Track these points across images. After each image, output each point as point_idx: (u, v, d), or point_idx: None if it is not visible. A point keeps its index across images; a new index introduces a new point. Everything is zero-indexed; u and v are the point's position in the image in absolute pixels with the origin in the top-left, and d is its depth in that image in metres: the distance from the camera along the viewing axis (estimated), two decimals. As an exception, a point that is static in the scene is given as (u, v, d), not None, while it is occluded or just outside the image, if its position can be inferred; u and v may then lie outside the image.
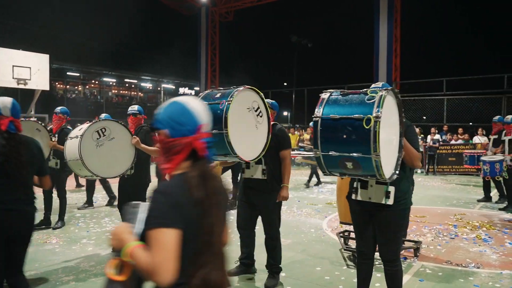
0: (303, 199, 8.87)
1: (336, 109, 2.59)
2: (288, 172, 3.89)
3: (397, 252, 2.96)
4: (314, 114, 2.63)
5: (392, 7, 18.05)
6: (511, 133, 7.54)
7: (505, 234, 5.95)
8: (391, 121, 2.64)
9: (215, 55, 24.69)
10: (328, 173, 2.71)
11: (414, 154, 2.86)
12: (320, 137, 2.60)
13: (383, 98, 2.48)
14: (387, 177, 2.56)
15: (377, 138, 2.40)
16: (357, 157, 2.49)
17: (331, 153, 2.57)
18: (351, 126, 2.48)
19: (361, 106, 2.50)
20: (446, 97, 16.63)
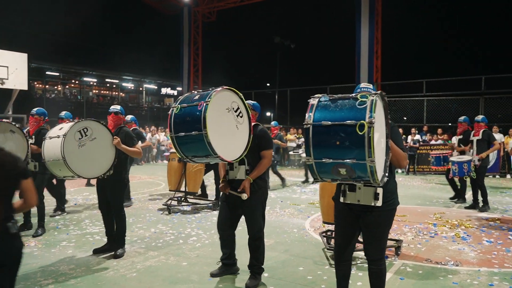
0: (286, 200, 8.90)
1: (327, 115, 2.56)
2: (260, 169, 3.86)
3: (383, 252, 2.99)
4: (304, 121, 2.60)
5: (373, 10, 18.29)
6: (479, 133, 7.67)
7: (482, 232, 6.08)
8: (380, 124, 2.65)
9: (198, 55, 24.58)
10: (320, 179, 2.70)
11: (400, 155, 2.89)
12: (312, 144, 2.57)
13: (375, 103, 2.47)
14: (380, 181, 2.57)
15: (371, 144, 2.39)
16: (351, 163, 2.47)
17: (324, 160, 2.54)
18: (344, 132, 2.46)
19: (353, 112, 2.48)
20: (425, 98, 16.93)
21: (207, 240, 5.53)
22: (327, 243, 5.02)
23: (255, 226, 3.88)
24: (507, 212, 7.70)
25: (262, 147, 3.89)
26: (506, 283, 4.03)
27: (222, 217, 4.01)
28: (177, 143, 3.47)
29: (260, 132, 3.90)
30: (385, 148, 2.74)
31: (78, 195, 9.23)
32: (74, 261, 4.65)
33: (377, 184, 2.56)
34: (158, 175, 13.30)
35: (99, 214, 6.88)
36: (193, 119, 3.33)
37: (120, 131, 4.90)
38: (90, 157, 4.51)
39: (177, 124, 3.45)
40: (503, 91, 15.92)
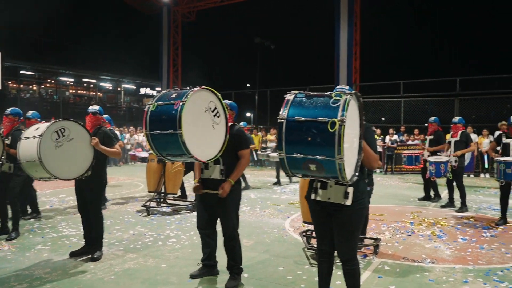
0: (266, 200, 8.92)
1: (301, 111, 2.60)
2: (239, 169, 3.88)
3: (354, 252, 3.01)
4: (279, 115, 2.64)
5: (352, 12, 18.52)
6: (457, 135, 7.83)
7: (457, 230, 6.22)
8: (353, 123, 2.69)
9: (177, 55, 24.40)
10: (291, 174, 2.73)
11: (372, 156, 2.93)
12: (284, 139, 2.61)
13: (348, 102, 2.52)
14: (349, 179, 2.61)
15: (341, 142, 2.43)
16: (320, 159, 2.51)
17: (295, 155, 2.58)
18: (316, 128, 2.50)
19: (326, 109, 2.53)
20: (403, 99, 17.24)
21: (186, 242, 5.49)
22: (307, 243, 5.05)
23: (230, 226, 3.88)
24: (480, 210, 7.90)
25: (239, 147, 3.90)
26: (480, 279, 4.13)
27: (200, 216, 4.00)
28: (152, 140, 3.45)
29: (237, 132, 3.90)
30: (358, 148, 2.78)
31: (54, 197, 9.04)
32: (50, 264, 4.55)
33: (345, 182, 2.60)
34: (136, 176, 13.14)
35: (75, 216, 6.77)
36: (168, 118, 3.31)
37: (98, 131, 4.82)
38: (68, 158, 4.41)
39: (153, 121, 3.43)
40: (477, 93, 16.37)
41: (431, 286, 3.95)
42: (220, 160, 3.80)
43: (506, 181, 6.34)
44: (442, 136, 8.46)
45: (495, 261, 4.73)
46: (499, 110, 15.73)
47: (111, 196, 9.14)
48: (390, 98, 17.62)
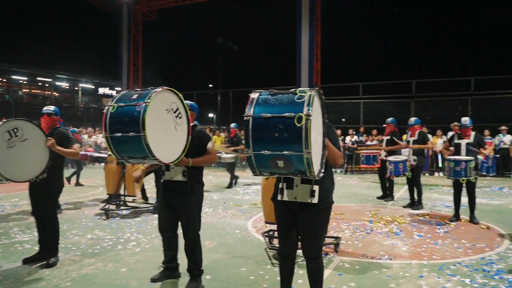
0: (229, 201, 8.90)
1: (267, 108, 2.62)
2: (205, 159, 3.86)
3: (320, 250, 3.07)
4: (245, 113, 2.64)
5: (313, 14, 18.84)
6: (415, 134, 8.13)
7: (413, 227, 6.46)
8: (317, 121, 2.74)
9: (138, 54, 23.91)
10: (258, 173, 2.73)
11: (336, 153, 2.99)
12: (251, 136, 2.61)
13: (313, 98, 2.57)
14: (316, 174, 2.65)
15: (308, 136, 2.47)
16: (288, 154, 2.54)
17: (263, 151, 2.59)
18: (283, 124, 2.52)
19: (292, 105, 2.56)
20: (362, 100, 17.72)
21: (147, 245, 5.38)
22: (269, 243, 5.08)
23: (191, 229, 3.84)
24: (435, 208, 8.24)
25: (204, 148, 3.88)
26: (434, 274, 4.31)
27: (162, 218, 3.93)
28: (112, 143, 3.35)
29: (199, 133, 3.88)
30: (322, 145, 2.83)
31: (6, 201, 8.61)
32: (1, 272, 4.32)
33: (313, 177, 2.63)
34: (95, 179, 12.75)
35: (29, 221, 6.47)
36: (131, 120, 3.22)
37: (54, 131, 4.63)
38: (21, 160, 4.21)
39: (113, 123, 3.32)
40: (431, 95, 17.09)
41: (389, 282, 4.07)
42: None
43: (456, 178, 6.63)
44: (398, 136, 8.73)
45: (448, 256, 4.95)
46: (452, 111, 16.51)
47: (68, 200, 8.82)
48: (350, 99, 18.06)
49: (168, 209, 3.89)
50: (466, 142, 6.72)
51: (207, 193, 9.80)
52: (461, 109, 16.36)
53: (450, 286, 3.95)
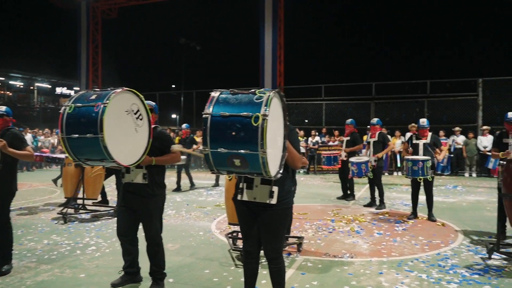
0: (192, 203, 8.81)
1: (226, 107, 2.65)
2: (167, 158, 3.82)
3: (280, 250, 3.08)
4: (204, 111, 2.66)
5: (276, 16, 18.99)
6: (375, 135, 8.35)
7: (374, 226, 6.64)
8: (277, 122, 2.77)
9: (97, 53, 23.23)
10: (216, 171, 2.74)
11: (296, 156, 3.02)
12: (209, 134, 2.63)
13: (271, 99, 2.61)
14: (273, 175, 2.67)
15: (264, 136, 2.49)
16: (244, 153, 2.56)
17: (220, 150, 2.61)
18: (240, 123, 2.55)
19: (250, 105, 2.60)
20: (324, 102, 18.04)
21: (107, 249, 5.23)
22: (233, 244, 5.07)
23: (153, 232, 3.78)
24: (394, 206, 8.50)
25: (167, 148, 3.84)
26: (393, 270, 4.44)
27: (121, 222, 3.84)
28: (69, 145, 3.24)
29: (160, 134, 3.82)
30: (282, 147, 2.86)
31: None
32: None
33: (269, 177, 2.66)
34: (51, 182, 12.26)
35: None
36: (88, 121, 3.12)
37: (6, 133, 4.41)
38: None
39: (70, 124, 3.21)
40: (390, 97, 17.64)
41: (350, 280, 4.16)
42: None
43: (413, 177, 6.88)
44: (358, 137, 8.94)
45: (406, 253, 5.12)
46: (410, 113, 17.11)
47: (22, 204, 8.44)
48: (312, 101, 18.35)
49: (127, 213, 3.80)
50: (424, 142, 6.99)
51: (170, 195, 9.67)
52: (418, 111, 16.98)
53: (408, 282, 4.09)
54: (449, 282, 4.09)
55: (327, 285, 4.02)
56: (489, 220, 6.91)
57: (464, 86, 16.43)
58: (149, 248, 3.82)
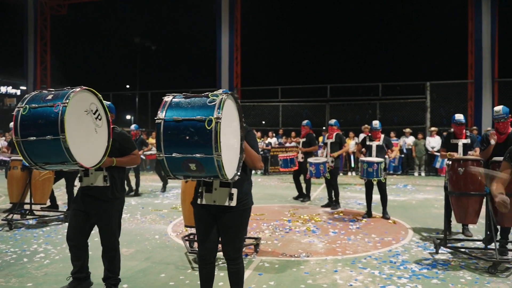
0: (147, 205, 8.62)
1: (179, 111, 2.62)
2: (127, 159, 3.73)
3: (240, 251, 3.09)
4: (156, 116, 2.62)
5: (233, 17, 19.01)
6: (332, 136, 8.54)
7: (329, 225, 6.78)
8: (232, 124, 2.76)
9: (46, 51, 22.23)
10: (172, 176, 2.71)
11: (255, 157, 3.03)
12: (163, 139, 2.59)
13: (223, 101, 2.60)
14: (229, 177, 2.67)
15: (218, 139, 2.49)
16: (199, 157, 2.54)
17: (174, 155, 2.58)
18: (193, 127, 2.53)
19: (203, 109, 2.58)
20: (281, 103, 18.25)
21: (57, 256, 5.00)
22: (190, 247, 5.00)
23: (110, 236, 3.67)
24: (348, 205, 8.74)
25: (128, 149, 3.76)
26: (348, 267, 4.56)
27: (72, 226, 3.67)
28: (25, 148, 3.05)
29: (120, 135, 3.73)
30: (239, 148, 2.86)
31: None
32: None
33: (226, 179, 2.66)
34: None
35: None
36: (47, 122, 2.96)
37: None
38: None
39: (25, 127, 3.02)
40: (344, 99, 18.14)
41: (306, 278, 4.23)
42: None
43: (368, 179, 7.11)
44: (313, 138, 9.11)
45: (360, 250, 5.27)
46: (363, 114, 17.70)
47: (-38, 210, 7.91)
48: (269, 102, 18.51)
49: (82, 217, 3.64)
50: (377, 144, 7.24)
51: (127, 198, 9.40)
52: (370, 113, 17.58)
53: (361, 279, 4.21)
54: (400, 277, 4.25)
55: (284, 284, 4.06)
56: (437, 217, 7.26)
57: (413, 89, 17.19)
58: (105, 253, 3.69)
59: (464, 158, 5.10)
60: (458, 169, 4.96)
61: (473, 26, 16.67)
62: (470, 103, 16.76)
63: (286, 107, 18.18)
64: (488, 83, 16.33)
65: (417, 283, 4.08)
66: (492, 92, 16.26)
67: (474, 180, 4.86)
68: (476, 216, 4.98)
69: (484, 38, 16.37)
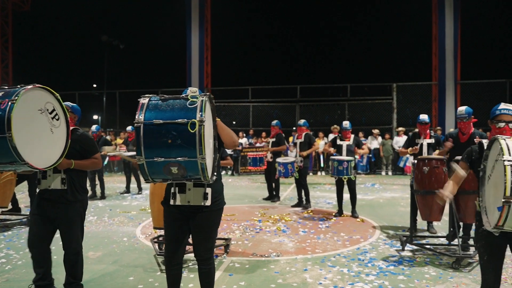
0: (115, 208, 8.44)
1: (158, 114, 2.57)
2: (88, 163, 3.59)
3: (211, 252, 3.07)
4: (135, 120, 2.56)
5: (203, 16, 18.88)
6: (301, 136, 8.61)
7: (299, 224, 6.84)
8: (209, 125, 2.76)
9: (7, 48, 21.34)
10: (150, 180, 2.67)
11: (231, 132, 3.02)
12: (143, 143, 2.53)
13: (205, 103, 2.58)
14: (210, 178, 2.65)
15: (202, 141, 2.47)
16: (183, 161, 2.51)
17: (156, 159, 2.53)
18: (176, 130, 2.50)
19: (184, 111, 2.55)
20: (251, 104, 18.28)
21: (19, 261, 4.81)
22: (159, 249, 4.93)
23: (73, 240, 3.54)
24: (318, 205, 8.84)
25: (89, 152, 3.62)
26: (317, 266, 4.61)
27: (33, 232, 3.53)
28: None
29: (81, 137, 3.60)
30: (213, 148, 2.86)
31: None
32: None
33: (208, 181, 2.65)
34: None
35: None
36: None
37: None
38: None
39: None
40: (314, 99, 18.37)
41: (277, 278, 4.24)
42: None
43: (339, 177, 7.22)
44: (283, 138, 9.17)
45: (329, 249, 5.34)
46: (332, 115, 17.98)
47: None
48: (239, 102, 18.51)
49: (42, 222, 3.51)
50: (347, 143, 7.37)
51: (91, 201, 9.18)
52: (339, 113, 17.88)
53: (331, 277, 4.26)
54: (368, 274, 4.33)
55: (254, 284, 4.06)
56: (403, 215, 7.46)
57: (380, 90, 17.60)
58: (67, 258, 3.57)
59: (429, 158, 5.26)
60: (423, 168, 5.11)
61: (437, 29, 17.22)
62: (434, 104, 17.31)
63: (257, 108, 18.22)
64: (451, 85, 16.92)
65: (384, 280, 4.17)
66: (455, 93, 16.87)
67: (438, 178, 5.02)
68: (440, 214, 5.15)
69: (447, 42, 16.96)
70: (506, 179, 2.32)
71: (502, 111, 2.98)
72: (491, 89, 16.28)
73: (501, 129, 2.93)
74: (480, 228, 2.73)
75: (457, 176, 3.00)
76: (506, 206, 2.31)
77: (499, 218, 2.37)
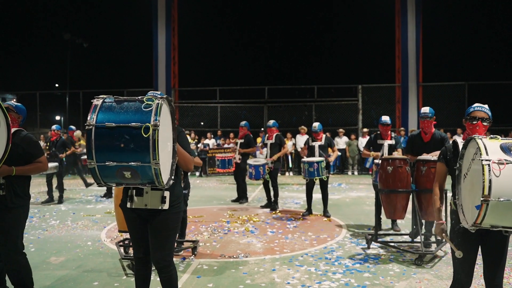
0: (79, 211, 8.18)
1: (112, 116, 2.47)
2: (31, 168, 3.39)
3: (170, 257, 2.99)
4: (87, 122, 2.46)
5: (170, 16, 18.63)
6: (272, 137, 8.60)
7: (267, 225, 6.86)
8: (166, 129, 2.69)
9: (-37, 46, 20.37)
10: (103, 183, 2.58)
11: (188, 158, 2.98)
12: (94, 147, 2.44)
13: (160, 107, 2.50)
14: (165, 183, 2.60)
15: (156, 146, 2.40)
16: (135, 166, 2.44)
17: (107, 163, 2.44)
18: (129, 134, 2.42)
19: (138, 114, 2.46)
20: (219, 104, 18.21)
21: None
22: (124, 253, 4.82)
23: (11, 249, 3.34)
24: (286, 205, 8.91)
25: (33, 156, 3.42)
26: (285, 266, 4.64)
27: None
28: None
29: (25, 139, 3.39)
30: (172, 151, 2.80)
31: None
32: None
33: (162, 186, 2.60)
34: None
35: None
36: None
37: None
38: None
39: None
40: (281, 100, 18.51)
41: (245, 279, 4.24)
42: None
43: (309, 178, 7.29)
44: (252, 140, 9.14)
45: (297, 248, 5.39)
46: (299, 116, 18.18)
47: None
48: (207, 103, 18.40)
49: None
50: (319, 144, 7.46)
51: (55, 205, 8.89)
52: (307, 114, 18.10)
53: (298, 276, 4.30)
54: (335, 273, 4.40)
55: (223, 286, 4.04)
56: (368, 214, 7.62)
57: (346, 92, 17.95)
58: (8, 268, 3.39)
59: (393, 158, 5.40)
60: (387, 167, 5.25)
61: (400, 33, 17.73)
62: (398, 105, 17.81)
63: (225, 108, 18.16)
64: (414, 87, 17.46)
65: (351, 277, 4.25)
66: (417, 95, 17.41)
67: (401, 178, 5.17)
68: (404, 212, 5.30)
69: (409, 45, 17.49)
70: (484, 178, 2.34)
71: (476, 108, 3.09)
72: (451, 91, 16.94)
73: (474, 125, 3.02)
74: (457, 226, 2.77)
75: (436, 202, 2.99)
76: (485, 204, 2.33)
77: (477, 216, 2.39)
